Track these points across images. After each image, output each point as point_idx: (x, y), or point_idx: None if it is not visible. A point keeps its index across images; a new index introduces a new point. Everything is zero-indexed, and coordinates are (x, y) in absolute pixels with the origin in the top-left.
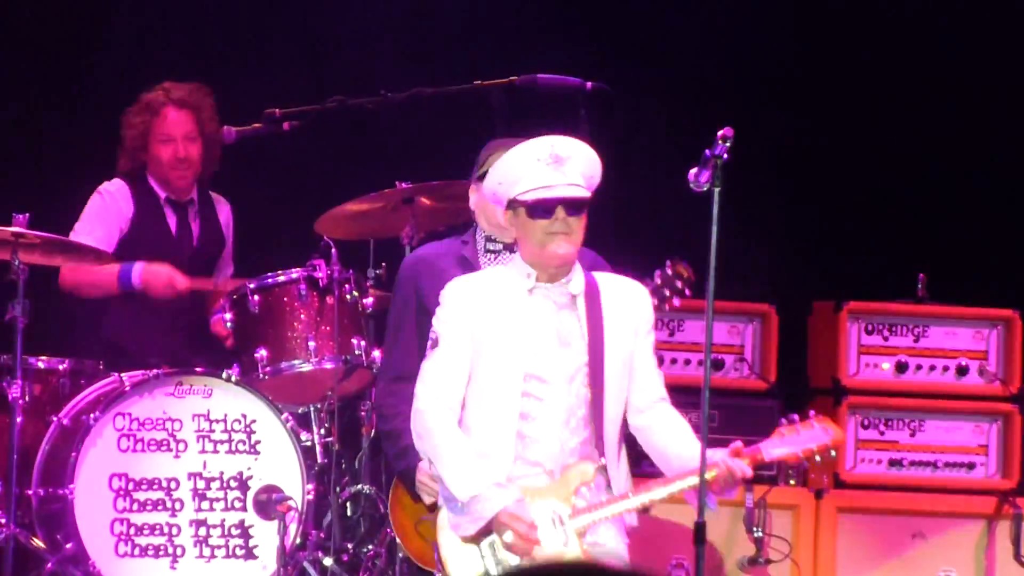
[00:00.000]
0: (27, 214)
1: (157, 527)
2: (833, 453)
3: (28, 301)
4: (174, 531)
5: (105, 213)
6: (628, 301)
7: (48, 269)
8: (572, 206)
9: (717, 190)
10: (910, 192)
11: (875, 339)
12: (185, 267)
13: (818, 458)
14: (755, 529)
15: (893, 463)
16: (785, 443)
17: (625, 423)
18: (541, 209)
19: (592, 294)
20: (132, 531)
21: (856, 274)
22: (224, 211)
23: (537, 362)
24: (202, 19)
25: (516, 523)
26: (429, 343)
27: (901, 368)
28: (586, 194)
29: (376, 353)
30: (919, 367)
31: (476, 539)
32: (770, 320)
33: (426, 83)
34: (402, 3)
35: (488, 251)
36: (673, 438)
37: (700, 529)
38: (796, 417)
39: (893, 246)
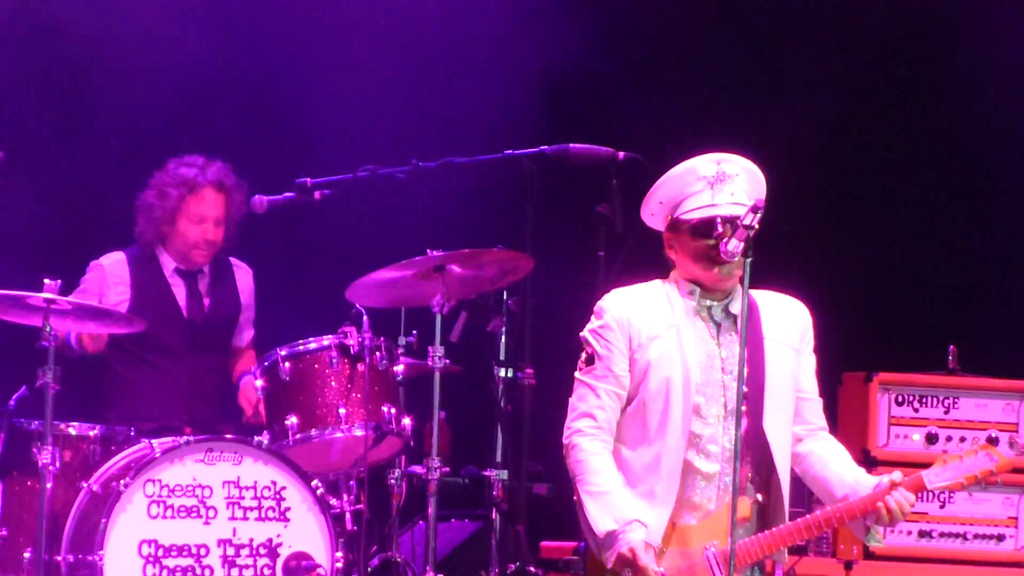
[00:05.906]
0: (59, 280)
1: None
2: (999, 480)
3: (59, 367)
4: None
5: (97, 286)
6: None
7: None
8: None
9: (749, 260)
10: (941, 264)
11: (905, 410)
12: (198, 334)
13: (983, 485)
14: None
15: (923, 535)
16: (948, 470)
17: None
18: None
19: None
20: None
21: (887, 346)
22: (243, 277)
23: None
24: (233, 88)
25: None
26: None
27: (931, 439)
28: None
29: (406, 421)
30: (949, 438)
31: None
32: None
33: (457, 152)
34: (433, 74)
35: None
36: (837, 465)
37: None
38: (959, 446)
39: (923, 318)
